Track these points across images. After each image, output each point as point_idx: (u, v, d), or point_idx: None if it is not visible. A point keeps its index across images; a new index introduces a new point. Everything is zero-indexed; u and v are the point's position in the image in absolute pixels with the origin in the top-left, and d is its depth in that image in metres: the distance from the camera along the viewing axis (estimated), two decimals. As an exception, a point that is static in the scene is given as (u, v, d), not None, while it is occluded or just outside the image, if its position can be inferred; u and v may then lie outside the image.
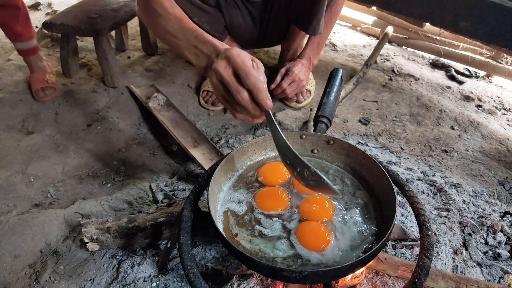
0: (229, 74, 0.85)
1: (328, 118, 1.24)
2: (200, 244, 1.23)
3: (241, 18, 1.81)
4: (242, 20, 1.82)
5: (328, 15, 1.78)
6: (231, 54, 0.85)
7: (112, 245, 1.22)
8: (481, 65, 2.38)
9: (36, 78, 1.99)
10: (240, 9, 1.78)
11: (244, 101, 0.86)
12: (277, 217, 0.99)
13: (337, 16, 1.90)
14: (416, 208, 1.04)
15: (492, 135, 1.84)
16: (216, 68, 0.86)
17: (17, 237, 1.27)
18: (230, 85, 0.85)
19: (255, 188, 1.08)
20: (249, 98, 0.86)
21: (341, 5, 1.86)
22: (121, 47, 2.42)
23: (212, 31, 1.72)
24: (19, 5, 1.91)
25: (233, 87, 0.85)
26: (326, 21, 1.78)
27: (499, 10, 1.93)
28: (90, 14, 1.94)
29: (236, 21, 1.81)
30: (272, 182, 1.09)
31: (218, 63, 0.86)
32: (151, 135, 1.86)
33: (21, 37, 1.95)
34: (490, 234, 1.29)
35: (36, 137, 1.75)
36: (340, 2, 1.81)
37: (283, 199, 1.03)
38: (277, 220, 0.99)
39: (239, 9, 1.78)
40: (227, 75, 0.85)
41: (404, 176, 1.56)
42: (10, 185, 1.53)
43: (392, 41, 2.69)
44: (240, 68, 0.84)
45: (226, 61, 0.86)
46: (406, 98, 2.08)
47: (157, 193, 1.50)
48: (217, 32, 1.78)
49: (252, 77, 0.83)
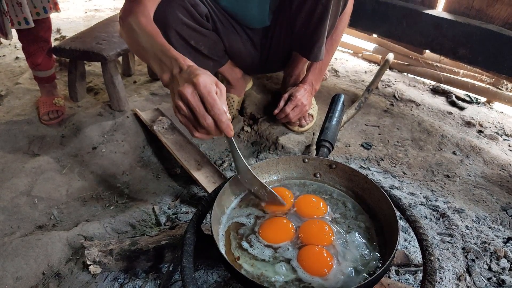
0: (195, 100, 0.90)
1: (330, 143, 1.26)
2: (202, 268, 1.23)
3: (241, 43, 1.85)
4: (242, 45, 1.86)
5: (329, 42, 1.82)
6: (197, 81, 0.89)
7: (114, 268, 1.21)
8: (481, 91, 2.41)
9: (44, 102, 2.03)
10: (239, 34, 1.82)
11: (209, 126, 0.91)
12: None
13: (338, 42, 1.94)
14: (419, 233, 1.04)
15: (494, 160, 1.85)
16: (182, 92, 0.90)
17: (20, 258, 1.27)
18: (197, 111, 0.90)
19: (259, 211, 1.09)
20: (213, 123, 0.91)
21: (342, 32, 1.91)
22: (128, 72, 2.47)
23: (211, 54, 1.76)
24: (48, 39, 1.99)
25: (200, 113, 0.90)
26: (328, 48, 1.83)
27: (497, 38, 1.98)
28: (98, 40, 2.00)
29: (236, 46, 1.85)
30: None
31: (184, 87, 0.90)
32: (155, 158, 1.88)
33: (41, 66, 2.02)
34: (493, 260, 1.28)
35: (41, 159, 1.77)
36: (340, 29, 1.86)
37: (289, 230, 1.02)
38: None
39: (238, 34, 1.82)
40: (193, 101, 0.90)
41: (407, 200, 1.56)
42: (15, 207, 1.54)
43: (393, 67, 2.74)
44: (206, 99, 0.89)
45: (193, 87, 0.90)
46: (407, 123, 2.10)
47: (160, 215, 1.50)
48: (216, 56, 1.81)
49: (217, 109, 0.89)
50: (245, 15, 1.77)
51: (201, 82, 0.89)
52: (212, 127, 0.91)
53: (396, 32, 2.36)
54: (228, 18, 1.77)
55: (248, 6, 1.73)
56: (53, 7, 1.95)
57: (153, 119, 1.95)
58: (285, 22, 1.80)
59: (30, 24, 1.82)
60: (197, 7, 1.61)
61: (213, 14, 1.71)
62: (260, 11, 1.76)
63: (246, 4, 1.72)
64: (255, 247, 0.98)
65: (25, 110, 2.10)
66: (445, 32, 2.14)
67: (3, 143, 1.87)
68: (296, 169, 1.22)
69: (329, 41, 1.81)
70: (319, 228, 1.01)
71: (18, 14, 1.78)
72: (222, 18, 1.75)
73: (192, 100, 0.89)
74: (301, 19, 1.70)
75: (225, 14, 1.76)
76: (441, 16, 2.14)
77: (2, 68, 2.61)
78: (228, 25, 1.78)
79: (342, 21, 1.82)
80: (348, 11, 1.81)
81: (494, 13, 2.01)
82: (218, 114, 0.89)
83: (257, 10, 1.75)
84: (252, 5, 1.73)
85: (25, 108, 2.13)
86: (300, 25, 1.73)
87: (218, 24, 1.74)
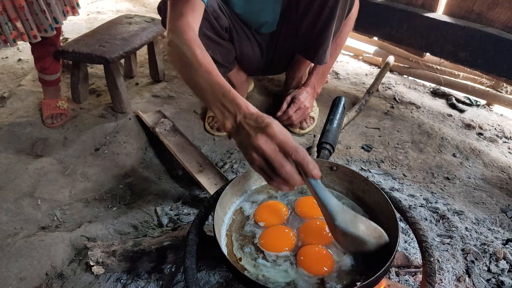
0: (272, 149, 0.85)
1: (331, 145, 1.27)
2: (204, 269, 1.24)
3: (251, 48, 1.88)
4: (252, 50, 1.88)
5: (333, 46, 1.84)
6: (273, 132, 0.86)
7: (117, 269, 1.23)
8: (481, 94, 2.42)
9: (47, 105, 2.05)
10: (250, 40, 1.85)
11: (288, 174, 0.86)
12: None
13: (341, 47, 1.96)
14: (419, 234, 1.05)
15: (493, 163, 1.86)
16: (257, 143, 0.86)
17: (24, 259, 1.28)
18: (274, 160, 0.85)
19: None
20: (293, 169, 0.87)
21: (346, 37, 1.93)
22: (130, 74, 2.49)
23: (224, 62, 1.79)
24: (57, 44, 2.01)
25: (277, 161, 0.85)
26: (332, 52, 1.84)
27: (497, 41, 1.99)
28: (101, 42, 2.02)
29: (246, 52, 1.87)
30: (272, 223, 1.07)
31: (258, 139, 0.86)
32: (157, 160, 1.89)
33: (49, 71, 2.03)
34: (493, 262, 1.30)
35: (44, 161, 1.78)
36: (345, 33, 1.87)
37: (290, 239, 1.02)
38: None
39: (249, 40, 1.85)
40: (270, 151, 0.85)
41: (407, 202, 1.57)
42: (18, 208, 1.56)
43: (393, 70, 2.75)
44: (287, 144, 0.85)
45: (267, 137, 0.86)
46: (408, 126, 2.11)
47: (162, 217, 1.51)
48: (228, 63, 1.84)
49: (301, 151, 0.85)
50: (257, 21, 1.79)
51: (277, 131, 0.86)
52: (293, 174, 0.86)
53: (396, 34, 2.38)
54: (241, 25, 1.80)
55: (261, 14, 1.76)
56: (70, 10, 1.97)
57: (155, 121, 1.96)
58: (290, 25, 1.82)
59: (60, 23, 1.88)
60: (219, 20, 1.65)
61: (231, 25, 1.73)
62: (272, 17, 1.78)
63: (259, 12, 1.74)
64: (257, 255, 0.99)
65: (28, 112, 2.12)
66: (445, 35, 2.16)
67: (6, 144, 1.88)
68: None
69: (333, 45, 1.82)
70: (319, 228, 1.02)
71: (44, 22, 1.81)
72: (237, 26, 1.78)
73: (268, 149, 0.85)
74: (307, 22, 1.72)
75: (240, 22, 1.78)
76: (442, 19, 2.15)
77: (5, 70, 2.62)
78: (241, 32, 1.81)
79: (347, 25, 1.83)
80: (353, 16, 1.82)
81: (494, 17, 2.02)
82: (303, 156, 0.85)
83: (270, 16, 1.78)
84: (265, 12, 1.75)
85: (28, 109, 2.14)
86: (305, 28, 1.75)
87: (234, 33, 1.77)
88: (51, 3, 1.80)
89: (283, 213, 1.08)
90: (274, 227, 1.05)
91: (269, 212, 1.09)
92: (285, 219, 1.07)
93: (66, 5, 1.94)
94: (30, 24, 1.76)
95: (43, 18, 1.78)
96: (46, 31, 1.84)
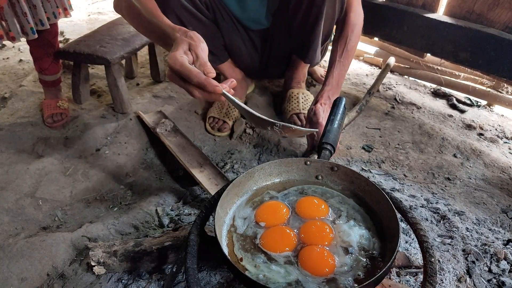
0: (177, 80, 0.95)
1: (332, 145, 1.27)
2: (205, 269, 1.24)
3: (241, 42, 1.87)
4: (243, 44, 1.88)
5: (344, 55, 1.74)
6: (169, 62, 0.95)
7: (118, 269, 1.23)
8: (482, 95, 2.42)
9: (48, 105, 2.05)
10: (240, 32, 1.85)
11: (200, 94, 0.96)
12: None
13: (352, 55, 1.80)
14: (420, 235, 1.05)
15: (494, 163, 1.86)
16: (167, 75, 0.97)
17: (25, 260, 1.28)
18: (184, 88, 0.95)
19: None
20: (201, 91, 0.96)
21: (355, 45, 1.78)
22: (131, 74, 2.49)
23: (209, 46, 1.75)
24: (55, 44, 2.01)
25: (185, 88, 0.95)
26: (342, 60, 1.74)
27: (498, 42, 1.99)
28: (102, 43, 2.02)
29: (236, 44, 1.86)
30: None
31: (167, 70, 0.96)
32: (158, 160, 1.89)
33: (48, 71, 2.04)
34: (493, 262, 1.30)
35: (45, 161, 1.79)
36: (354, 41, 1.75)
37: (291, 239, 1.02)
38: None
39: (239, 32, 1.84)
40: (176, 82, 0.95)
41: (408, 203, 1.57)
42: (19, 208, 1.56)
43: (394, 70, 2.75)
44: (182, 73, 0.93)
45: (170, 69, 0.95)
46: (408, 126, 2.11)
47: (163, 217, 1.51)
48: (215, 50, 1.82)
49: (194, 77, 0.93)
50: (242, 14, 1.80)
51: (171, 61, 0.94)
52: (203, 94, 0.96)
53: (397, 35, 2.38)
54: (230, 15, 1.79)
55: (245, 5, 1.76)
56: (62, 12, 1.97)
57: (156, 121, 1.97)
58: (284, 25, 1.83)
59: (45, 26, 1.85)
60: None
61: (212, 4, 1.72)
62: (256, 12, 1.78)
63: (243, 3, 1.75)
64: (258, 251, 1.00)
65: (29, 112, 2.12)
66: (446, 35, 2.16)
67: (7, 144, 1.88)
68: (298, 171, 1.23)
69: (344, 54, 1.73)
70: (320, 228, 1.02)
71: (35, 15, 1.81)
72: (223, 12, 1.77)
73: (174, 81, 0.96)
74: (297, 21, 1.73)
75: (227, 11, 1.78)
76: (442, 20, 2.15)
77: (6, 71, 2.63)
78: (229, 21, 1.80)
79: (355, 33, 1.74)
80: (359, 22, 1.78)
81: (495, 17, 2.02)
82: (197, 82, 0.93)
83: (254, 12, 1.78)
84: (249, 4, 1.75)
85: (29, 110, 2.14)
86: (296, 28, 1.76)
87: (218, 16, 1.76)
88: (37, 5, 1.80)
89: (284, 213, 1.09)
90: (275, 228, 1.05)
91: (270, 213, 1.09)
92: (286, 220, 1.08)
93: (58, 7, 1.93)
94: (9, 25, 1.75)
95: (24, 20, 1.77)
96: (27, 34, 1.82)
